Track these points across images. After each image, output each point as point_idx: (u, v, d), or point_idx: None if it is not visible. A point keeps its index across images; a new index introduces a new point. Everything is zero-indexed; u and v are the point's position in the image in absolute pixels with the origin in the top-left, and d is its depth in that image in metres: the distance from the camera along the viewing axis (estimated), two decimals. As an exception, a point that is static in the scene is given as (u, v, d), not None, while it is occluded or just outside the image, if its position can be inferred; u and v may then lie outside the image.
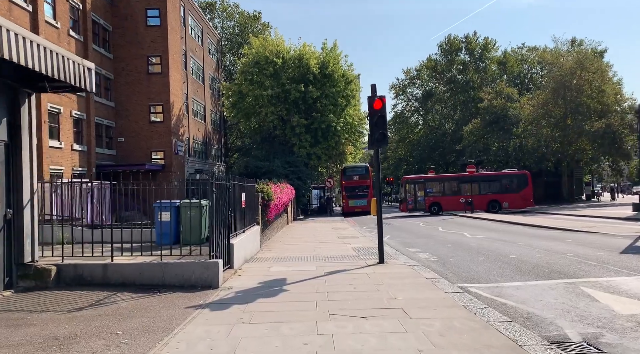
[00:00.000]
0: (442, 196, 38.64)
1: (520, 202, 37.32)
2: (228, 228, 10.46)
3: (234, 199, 11.24)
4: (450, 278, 9.77)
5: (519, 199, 37.30)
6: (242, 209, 12.39)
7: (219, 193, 9.83)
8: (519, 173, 39.48)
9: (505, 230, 21.37)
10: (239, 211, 11.84)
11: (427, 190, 38.90)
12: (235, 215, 11.37)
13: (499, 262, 11.61)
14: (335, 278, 9.61)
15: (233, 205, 11.03)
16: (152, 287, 8.70)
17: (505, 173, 39.63)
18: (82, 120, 30.48)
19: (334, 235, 20.44)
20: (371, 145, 11.30)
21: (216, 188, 9.39)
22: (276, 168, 34.46)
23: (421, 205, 38.47)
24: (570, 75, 46.43)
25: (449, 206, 37.75)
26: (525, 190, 37.61)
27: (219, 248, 9.57)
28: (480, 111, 53.58)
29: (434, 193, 38.87)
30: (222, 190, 10.05)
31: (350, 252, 13.99)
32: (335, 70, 39.01)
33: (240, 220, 12.08)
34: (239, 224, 11.90)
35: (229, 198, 10.54)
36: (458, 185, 39.03)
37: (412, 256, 13.11)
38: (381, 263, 11.46)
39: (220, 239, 9.64)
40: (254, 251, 13.69)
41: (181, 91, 38.44)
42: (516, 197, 37.35)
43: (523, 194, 37.43)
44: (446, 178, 41.42)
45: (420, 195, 38.79)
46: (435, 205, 38.19)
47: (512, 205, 37.04)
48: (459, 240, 17.29)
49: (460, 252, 13.87)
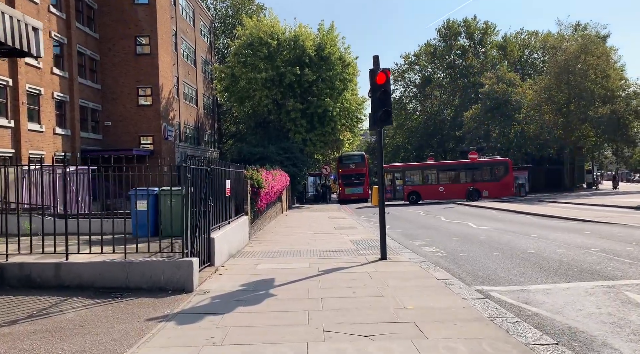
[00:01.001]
0: (421, 185, 37.73)
1: (501, 191, 36.19)
2: (208, 219, 9.08)
3: (217, 186, 9.85)
4: (465, 278, 8.43)
5: (499, 187, 36.19)
6: (227, 198, 10.99)
7: (196, 179, 8.43)
8: (499, 161, 38.18)
9: (513, 219, 20.07)
10: (222, 200, 10.45)
11: (405, 179, 38.05)
12: (218, 204, 9.98)
13: (517, 258, 10.27)
14: (332, 278, 8.25)
15: (215, 193, 9.64)
16: (114, 291, 7.32)
17: (485, 161, 38.39)
18: (65, 103, 28.86)
19: (331, 225, 19.10)
20: (373, 125, 9.89)
21: (191, 174, 7.98)
22: (271, 154, 32.99)
23: (400, 194, 37.58)
24: (575, 59, 44.94)
25: (427, 195, 36.94)
26: (506, 178, 36.45)
27: (195, 244, 8.20)
28: (480, 96, 52.10)
29: (413, 182, 38.01)
30: (199, 176, 8.66)
31: (348, 245, 12.64)
32: (332, 53, 37.36)
33: (224, 209, 10.69)
34: (222, 214, 10.51)
35: (209, 185, 9.15)
36: (437, 173, 38.20)
37: (417, 251, 11.77)
38: (383, 259, 10.11)
39: (197, 233, 8.25)
40: (241, 245, 12.33)
41: (171, 73, 36.77)
42: (496, 186, 36.24)
43: (503, 182, 36.29)
44: (425, 166, 40.37)
45: (399, 184, 37.97)
46: (414, 194, 37.20)
47: (492, 193, 35.93)
48: (465, 232, 15.96)
49: (470, 246, 12.54)
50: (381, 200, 10.31)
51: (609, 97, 45.28)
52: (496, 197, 35.93)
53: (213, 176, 9.51)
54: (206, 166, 9.13)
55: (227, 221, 11.08)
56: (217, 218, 9.97)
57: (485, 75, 54.41)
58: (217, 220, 10.00)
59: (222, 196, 10.50)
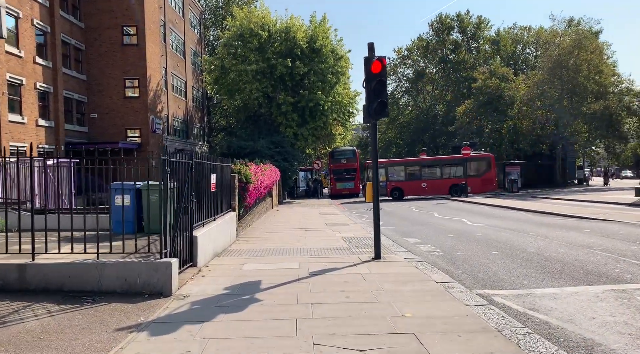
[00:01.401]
0: (404, 181, 37.33)
1: (483, 186, 35.80)
2: (190, 216, 8.47)
3: (201, 181, 9.23)
4: (465, 281, 7.89)
5: (482, 183, 35.81)
6: (213, 193, 10.37)
7: (178, 173, 7.82)
8: (481, 156, 37.78)
9: (507, 216, 19.62)
10: (207, 195, 9.83)
11: (389, 175, 37.50)
12: (202, 200, 9.37)
13: (518, 258, 9.76)
14: (323, 281, 7.68)
15: (199, 188, 9.03)
16: (84, 295, 6.70)
17: (467, 157, 37.65)
18: (48, 93, 27.98)
19: (322, 221, 18.53)
20: (368, 117, 9.31)
21: (170, 167, 7.36)
22: (261, 148, 32.26)
23: (383, 190, 36.63)
24: (568, 54, 44.60)
25: (411, 191, 36.62)
26: (489, 173, 36.07)
27: (176, 243, 7.59)
28: (473, 91, 51.69)
29: (396, 178, 37.56)
30: (181, 170, 8.04)
31: (341, 243, 12.08)
32: (325, 45, 36.62)
33: (209, 206, 10.08)
34: (207, 211, 9.90)
35: (192, 180, 8.53)
36: (420, 169, 37.86)
37: (412, 250, 11.23)
38: (378, 259, 9.57)
39: (177, 231, 7.64)
40: (227, 243, 11.73)
41: (159, 65, 35.93)
42: (479, 181, 35.87)
43: (486, 178, 35.92)
44: (408, 162, 40.11)
45: (382, 180, 37.01)
46: (397, 190, 36.82)
47: (474, 189, 35.45)
48: (460, 229, 15.47)
49: (466, 244, 12.02)
50: (375, 196, 9.75)
51: (602, 92, 45.05)
52: (479, 193, 35.60)
53: (196, 170, 8.90)
54: (188, 159, 8.51)
55: (212, 218, 10.47)
56: (201, 214, 9.36)
57: (479, 70, 53.96)
58: (201, 217, 9.39)
59: (207, 192, 9.88)
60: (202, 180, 9.36)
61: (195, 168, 8.78)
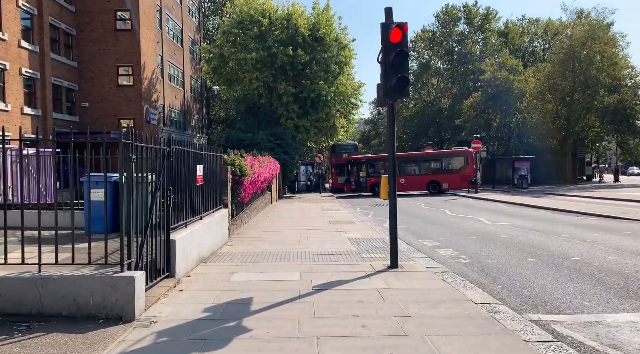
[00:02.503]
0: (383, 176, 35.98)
1: (461, 183, 34.50)
2: (167, 215, 6.89)
3: (182, 173, 7.65)
4: (511, 300, 6.29)
5: (460, 179, 34.51)
6: (199, 187, 8.79)
7: (148, 162, 6.24)
8: (459, 152, 36.56)
9: (527, 214, 18.01)
10: (191, 190, 8.24)
11: (369, 171, 36.98)
12: (184, 195, 7.79)
13: (563, 269, 8.16)
14: (330, 299, 6.09)
15: (180, 181, 7.45)
16: (20, 319, 5.12)
17: (444, 152, 37.28)
18: (35, 80, 26.36)
19: (325, 218, 16.94)
20: (385, 96, 7.68)
21: (136, 154, 5.77)
22: (261, 140, 30.60)
23: (363, 185, 36.51)
24: (581, 45, 42.81)
25: None
26: (466, 170, 34.63)
27: (147, 249, 6.01)
28: (481, 84, 49.98)
29: (375, 174, 36.43)
30: (154, 158, 6.46)
31: (348, 245, 10.50)
32: (328, 33, 34.91)
33: (194, 202, 8.49)
34: (191, 208, 8.31)
35: (169, 171, 6.94)
36: (399, 165, 36.72)
37: (432, 255, 9.65)
38: (394, 268, 7.98)
39: (145, 235, 6.05)
40: (217, 244, 10.14)
41: (155, 52, 34.24)
42: (456, 177, 34.61)
43: (463, 174, 34.55)
44: (387, 158, 38.48)
45: (362, 176, 37.02)
46: (377, 185, 35.08)
47: (451, 185, 34.49)
48: (481, 229, 13.87)
49: (494, 248, 10.43)
50: (392, 193, 8.14)
51: (616, 85, 43.31)
52: (456, 190, 34.57)
53: (176, 159, 7.30)
54: (165, 145, 6.91)
55: (198, 216, 8.89)
56: (183, 213, 7.78)
57: (487, 62, 52.21)
58: (183, 216, 7.81)
59: (191, 186, 8.29)
60: (184, 172, 7.77)
61: (174, 157, 7.18)
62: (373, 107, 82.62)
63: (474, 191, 32.17)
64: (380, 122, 77.88)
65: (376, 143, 79.53)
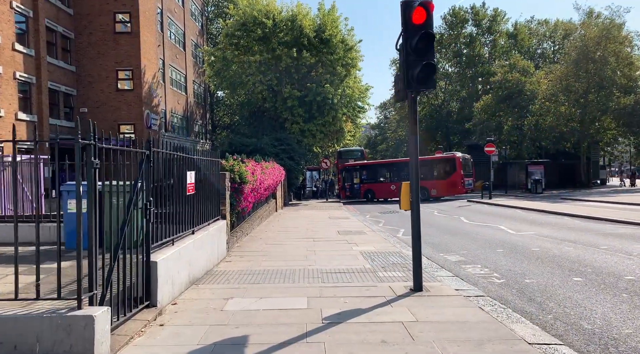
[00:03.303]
0: (375, 183, 36.32)
1: (449, 189, 33.32)
2: (147, 232, 5.72)
3: (168, 180, 6.49)
4: (571, 338, 5.03)
5: (447, 185, 33.29)
6: (190, 197, 7.62)
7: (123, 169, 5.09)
8: (445, 157, 35.35)
9: (551, 222, 16.71)
10: (180, 200, 7.08)
11: (362, 177, 36.97)
12: (172, 207, 6.63)
13: (621, 292, 6.87)
14: (346, 337, 4.87)
15: (163, 190, 6.29)
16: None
17: (431, 158, 36.23)
18: (30, 84, 25.39)
19: (333, 228, 15.72)
20: (407, 87, 6.48)
21: (99, 157, 4.61)
22: (265, 145, 29.44)
23: (357, 192, 36.47)
24: (595, 45, 41.46)
25: (381, 193, 35.56)
26: (453, 176, 33.35)
27: (116, 276, 4.84)
28: (492, 86, 48.68)
29: (368, 180, 36.62)
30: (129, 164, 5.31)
31: (360, 261, 9.29)
32: (334, 35, 33.80)
33: (184, 214, 7.33)
34: (180, 221, 7.14)
35: (148, 179, 5.78)
36: (389, 171, 36.74)
37: (459, 272, 8.42)
38: (418, 290, 6.76)
39: (116, 257, 4.88)
40: (213, 261, 8.96)
41: (155, 55, 33.27)
42: (444, 184, 33.37)
43: (451, 180, 33.30)
44: (377, 164, 39.45)
45: (356, 182, 37.08)
46: (369, 192, 35.89)
47: (439, 192, 33.33)
48: (506, 240, 12.59)
49: (527, 264, 9.17)
50: (415, 202, 6.93)
51: (632, 86, 41.89)
52: (445, 196, 33.51)
53: (159, 164, 6.14)
54: (144, 148, 5.75)
55: (189, 230, 7.72)
56: (169, 228, 6.61)
57: (497, 64, 50.91)
58: (170, 231, 6.64)
59: (180, 196, 7.13)
60: (170, 180, 6.62)
61: (156, 162, 6.03)
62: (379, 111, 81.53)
63: (488, 197, 30.84)
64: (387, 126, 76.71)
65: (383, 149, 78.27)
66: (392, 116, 75.91)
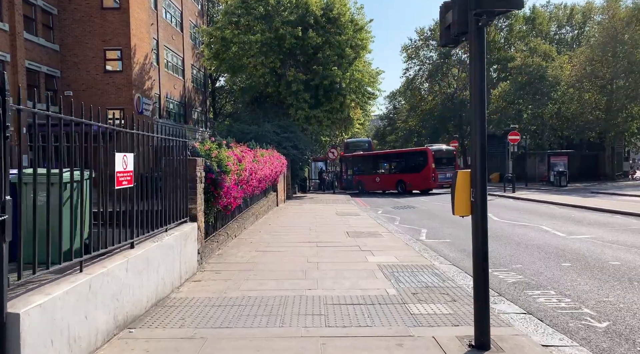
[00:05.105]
0: (364, 175, 36.17)
1: (423, 182, 31.70)
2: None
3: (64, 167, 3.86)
4: None
5: (421, 179, 31.78)
6: (124, 192, 4.99)
7: None
8: (418, 151, 34.82)
9: (602, 221, 13.96)
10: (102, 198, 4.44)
11: (354, 169, 37.21)
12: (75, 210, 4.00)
13: None
14: None
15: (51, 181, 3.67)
16: None
17: (405, 151, 36.84)
18: (4, 63, 22.81)
19: (342, 227, 13.05)
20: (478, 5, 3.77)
21: None
22: (266, 133, 26.72)
23: (351, 183, 36.62)
24: (625, 26, 38.32)
25: (369, 185, 34.99)
26: (425, 169, 31.64)
27: None
28: (511, 72, 45.63)
29: (359, 172, 36.71)
30: None
31: (380, 281, 6.66)
32: (343, 13, 30.91)
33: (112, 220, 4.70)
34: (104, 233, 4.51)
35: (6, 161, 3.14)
36: (374, 163, 36.73)
37: (529, 304, 5.76)
38: (484, 349, 4.10)
39: None
40: (172, 283, 6.31)
41: (148, 35, 30.56)
42: (418, 177, 31.94)
43: (423, 174, 31.74)
44: (365, 156, 38.60)
45: (350, 174, 37.48)
46: (360, 184, 35.58)
47: (414, 185, 32.08)
48: (562, 247, 9.88)
49: (621, 289, 6.48)
50: (480, 205, 4.26)
51: (664, 71, 38.74)
52: (419, 189, 32.05)
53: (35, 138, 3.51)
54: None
55: (126, 243, 5.08)
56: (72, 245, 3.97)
57: (516, 48, 47.79)
58: (70, 255, 4.00)
59: (104, 191, 4.49)
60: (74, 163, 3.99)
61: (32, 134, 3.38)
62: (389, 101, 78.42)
63: (511, 190, 28.05)
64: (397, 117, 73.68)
65: (391, 140, 75.20)
66: (402, 106, 72.95)
